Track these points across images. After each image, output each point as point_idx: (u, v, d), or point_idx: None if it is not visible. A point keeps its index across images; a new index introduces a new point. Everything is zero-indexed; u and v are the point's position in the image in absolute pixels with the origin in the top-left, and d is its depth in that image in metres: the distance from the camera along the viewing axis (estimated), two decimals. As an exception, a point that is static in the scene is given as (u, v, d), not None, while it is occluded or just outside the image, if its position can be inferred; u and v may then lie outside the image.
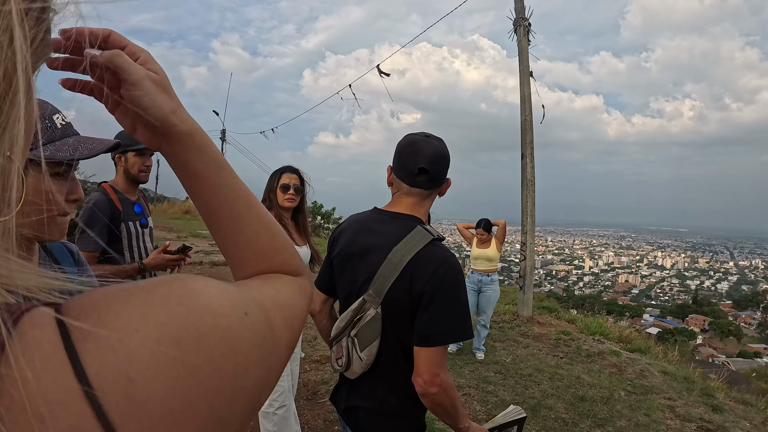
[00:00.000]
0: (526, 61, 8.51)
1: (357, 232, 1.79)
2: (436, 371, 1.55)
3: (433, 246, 1.63)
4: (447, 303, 1.57)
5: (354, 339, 1.68)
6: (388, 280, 1.61)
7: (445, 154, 1.76)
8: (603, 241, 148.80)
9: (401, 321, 1.62)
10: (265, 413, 3.19)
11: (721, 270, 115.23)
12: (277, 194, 3.19)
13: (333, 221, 24.28)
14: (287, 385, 3.24)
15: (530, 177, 8.28)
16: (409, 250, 1.61)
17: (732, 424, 4.70)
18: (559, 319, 8.31)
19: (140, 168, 2.86)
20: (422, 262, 1.59)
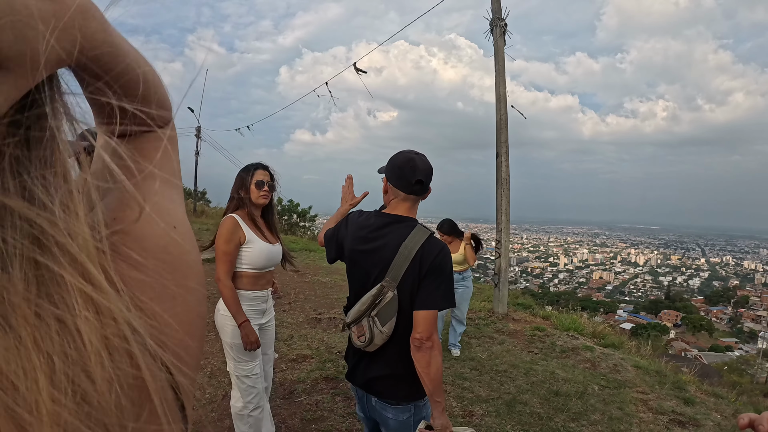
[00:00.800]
0: (502, 61, 8.53)
1: (367, 234, 2.23)
2: (431, 329, 2.02)
3: (432, 239, 2.13)
4: (442, 279, 2.07)
5: (375, 318, 2.12)
6: (402, 268, 2.07)
7: (430, 167, 2.22)
8: (577, 239, 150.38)
9: (412, 298, 2.08)
10: (239, 415, 3.19)
11: (693, 266, 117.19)
12: (251, 191, 3.15)
13: (309, 219, 24.14)
14: (261, 387, 3.23)
15: (505, 176, 8.31)
16: (415, 243, 2.09)
17: (703, 416, 4.77)
18: (533, 315, 8.36)
19: None
20: (427, 252, 2.08)
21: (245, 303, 3.10)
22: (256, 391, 3.17)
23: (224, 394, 4.37)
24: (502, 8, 8.52)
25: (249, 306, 3.12)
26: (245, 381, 3.14)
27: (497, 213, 8.36)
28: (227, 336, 3.09)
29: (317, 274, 10.63)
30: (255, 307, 3.17)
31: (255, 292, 3.16)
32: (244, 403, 3.15)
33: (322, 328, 6.63)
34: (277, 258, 3.26)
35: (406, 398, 2.21)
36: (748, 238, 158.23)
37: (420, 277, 2.06)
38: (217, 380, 4.74)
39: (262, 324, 3.27)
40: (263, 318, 3.28)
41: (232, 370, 3.17)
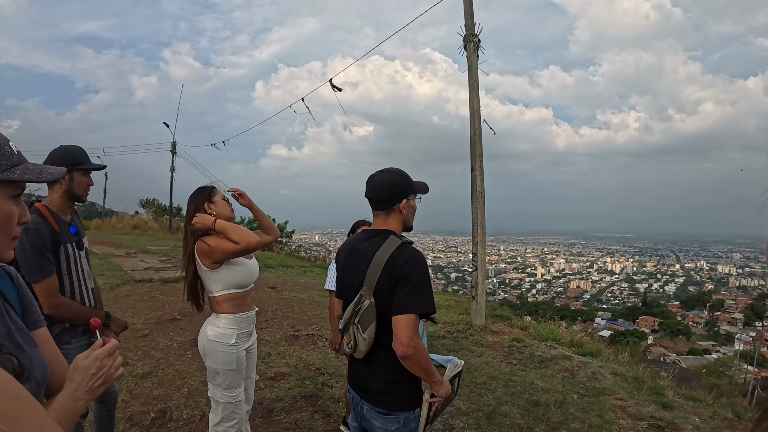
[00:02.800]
0: (476, 76, 8.61)
1: (348, 253, 2.43)
2: (411, 335, 2.09)
3: (402, 247, 2.23)
4: (414, 283, 2.14)
5: (358, 325, 2.23)
6: (375, 276, 2.18)
7: (390, 182, 2.33)
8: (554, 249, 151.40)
9: (388, 304, 2.17)
10: None
11: (668, 273, 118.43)
12: (223, 206, 3.09)
13: (286, 235, 24.00)
14: (243, 412, 3.16)
15: (480, 189, 8.36)
16: (386, 252, 2.20)
17: (682, 420, 4.81)
18: (512, 326, 8.39)
19: (85, 187, 2.79)
20: (395, 260, 2.18)
21: (236, 327, 3.00)
22: (239, 417, 3.09)
23: (201, 415, 4.32)
24: (475, 24, 8.61)
25: (239, 330, 3.02)
26: (228, 407, 3.03)
27: (473, 226, 8.40)
28: (217, 362, 2.97)
29: (295, 291, 10.55)
30: (244, 329, 3.07)
31: (243, 314, 3.06)
32: (225, 427, 3.06)
33: (300, 345, 6.58)
34: (257, 273, 3.21)
35: (397, 408, 2.29)
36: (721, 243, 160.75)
37: (392, 285, 2.17)
38: (194, 400, 4.67)
39: (248, 347, 3.18)
40: (250, 340, 3.19)
41: (215, 396, 3.05)
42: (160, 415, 4.36)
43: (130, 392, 4.77)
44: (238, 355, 3.01)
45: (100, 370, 1.32)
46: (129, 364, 5.48)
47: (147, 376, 5.19)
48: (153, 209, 31.33)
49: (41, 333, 1.49)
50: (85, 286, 2.85)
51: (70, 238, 2.75)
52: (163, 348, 6.15)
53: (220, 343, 2.95)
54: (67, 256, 2.69)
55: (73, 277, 2.74)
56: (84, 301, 2.82)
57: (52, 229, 2.61)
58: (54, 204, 2.73)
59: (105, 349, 1.37)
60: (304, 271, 13.96)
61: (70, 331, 2.71)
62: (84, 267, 2.86)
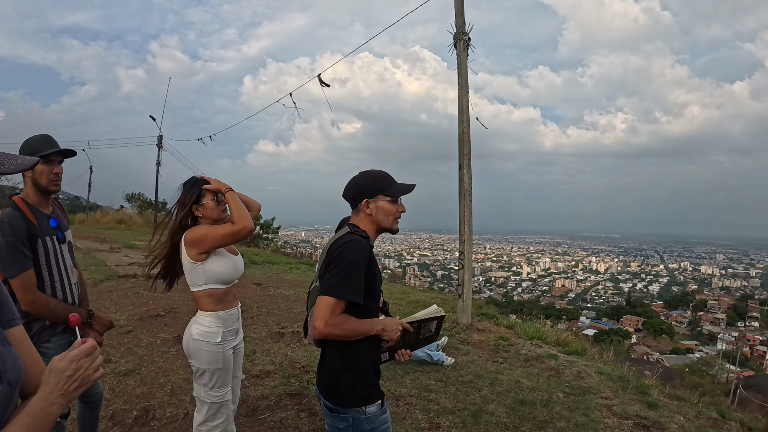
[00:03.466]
0: (465, 74, 8.59)
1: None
2: (325, 315, 2.13)
3: (345, 235, 2.30)
4: (339, 267, 2.19)
5: (309, 311, 2.33)
6: (320, 262, 2.36)
7: (353, 184, 2.44)
8: (540, 248, 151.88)
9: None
10: None
11: (652, 273, 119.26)
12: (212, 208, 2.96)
13: (272, 231, 23.90)
14: (230, 411, 3.11)
15: (468, 188, 8.35)
16: (332, 239, 2.36)
17: (667, 419, 4.83)
18: (498, 325, 8.40)
19: (49, 177, 2.65)
20: (334, 244, 2.29)
21: (221, 325, 2.93)
22: (225, 416, 3.03)
23: (185, 413, 4.27)
24: (465, 22, 8.58)
25: (225, 327, 2.95)
26: (214, 407, 2.97)
27: (460, 224, 8.39)
28: (203, 362, 2.90)
29: (280, 287, 10.49)
30: (230, 326, 3.00)
31: (228, 311, 2.98)
32: (210, 426, 2.99)
33: (286, 342, 6.54)
34: (241, 268, 3.14)
35: (342, 403, 2.28)
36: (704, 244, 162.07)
37: (326, 269, 2.26)
38: (178, 398, 4.62)
39: (235, 346, 3.10)
40: (236, 338, 3.12)
41: (200, 396, 2.98)
42: (143, 413, 4.30)
43: (112, 390, 4.70)
44: (224, 353, 2.94)
45: (77, 372, 1.26)
46: (112, 361, 5.41)
47: (130, 374, 5.12)
48: (138, 204, 31.08)
49: (16, 331, 1.43)
50: (68, 281, 2.78)
51: (49, 231, 2.68)
52: (147, 345, 6.08)
53: (205, 342, 2.89)
54: (46, 250, 2.62)
55: (53, 270, 2.67)
56: (66, 296, 2.75)
57: (29, 222, 2.53)
58: (30, 197, 2.66)
59: (82, 349, 1.31)
60: (290, 267, 13.91)
61: (49, 329, 2.64)
62: (66, 261, 2.79)
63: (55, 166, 2.67)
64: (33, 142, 2.63)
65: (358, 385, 2.28)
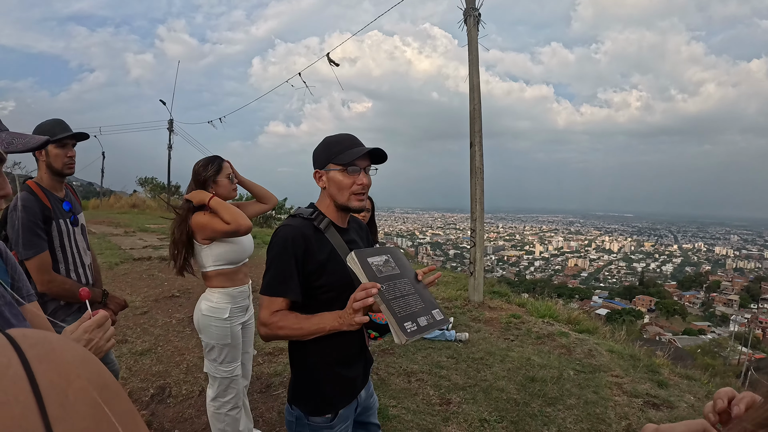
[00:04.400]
0: (476, 51, 8.53)
1: None
2: (266, 316, 1.87)
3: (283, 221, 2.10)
4: (267, 262, 1.94)
5: None
6: None
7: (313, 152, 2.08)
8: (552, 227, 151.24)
9: None
10: (216, 414, 3.14)
11: (666, 253, 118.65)
12: (223, 185, 3.10)
13: (285, 212, 23.97)
14: (240, 387, 3.19)
15: (479, 165, 8.33)
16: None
17: (677, 398, 4.84)
18: (509, 303, 8.41)
19: (64, 160, 2.70)
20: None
21: (230, 301, 3.02)
22: (235, 392, 3.13)
23: (201, 390, 4.34)
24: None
25: (234, 304, 3.04)
26: (224, 382, 3.07)
27: (472, 202, 8.39)
28: (212, 337, 3.01)
29: (293, 268, 10.55)
30: (239, 303, 3.10)
31: (237, 288, 3.08)
32: (222, 402, 3.10)
33: (299, 320, 6.60)
34: (251, 249, 3.22)
35: (291, 398, 2.07)
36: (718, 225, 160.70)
37: None
38: (193, 376, 4.70)
39: (244, 322, 3.20)
40: (246, 315, 3.21)
41: (211, 371, 3.09)
42: (159, 391, 4.39)
43: (129, 369, 4.80)
44: (232, 329, 3.03)
45: (90, 342, 1.31)
46: (128, 342, 5.51)
47: (146, 353, 5.21)
48: (150, 187, 31.26)
49: (31, 307, 1.47)
50: (81, 262, 2.84)
51: (63, 213, 2.73)
52: (162, 325, 6.17)
53: (213, 318, 2.98)
54: (60, 232, 2.68)
55: (67, 252, 2.73)
56: (80, 277, 2.81)
57: (43, 205, 2.59)
58: (44, 181, 2.71)
59: (94, 320, 1.35)
60: (303, 248, 13.94)
61: (65, 309, 2.71)
62: (79, 243, 2.85)
63: (68, 149, 2.72)
64: (46, 127, 2.67)
65: (305, 391, 2.02)
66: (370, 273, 1.82)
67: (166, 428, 3.79)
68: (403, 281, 1.89)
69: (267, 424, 3.94)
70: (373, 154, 2.01)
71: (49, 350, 0.49)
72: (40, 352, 0.48)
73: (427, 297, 1.92)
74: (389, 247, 2.04)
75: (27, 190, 2.61)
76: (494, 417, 4.20)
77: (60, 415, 0.44)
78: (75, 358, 0.50)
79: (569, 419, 4.25)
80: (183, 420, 3.90)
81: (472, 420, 4.13)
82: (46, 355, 0.48)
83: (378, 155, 2.03)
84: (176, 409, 4.09)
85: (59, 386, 0.46)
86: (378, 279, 1.81)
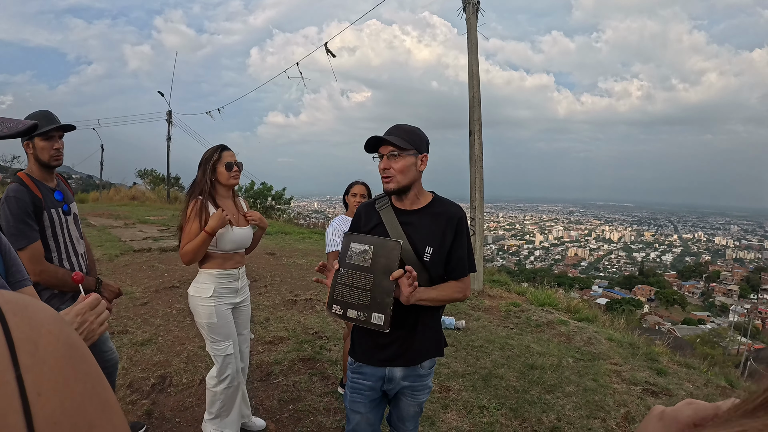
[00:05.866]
0: (475, 39, 8.51)
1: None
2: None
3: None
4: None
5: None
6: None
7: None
8: (552, 217, 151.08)
9: None
10: (212, 392, 3.25)
11: (666, 243, 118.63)
12: (221, 173, 3.14)
13: (284, 202, 23.96)
14: (234, 367, 3.24)
15: (478, 153, 8.32)
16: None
17: (676, 386, 4.87)
18: (509, 291, 8.43)
19: (50, 152, 2.71)
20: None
21: (212, 282, 3.11)
22: (229, 372, 3.19)
23: (201, 379, 4.36)
24: (474, -15, 8.48)
25: (217, 284, 3.12)
26: (218, 360, 3.17)
27: (471, 191, 8.39)
28: (200, 317, 3.12)
29: (293, 257, 10.59)
30: (225, 285, 3.16)
31: (222, 271, 3.15)
32: (216, 381, 3.20)
33: (299, 309, 6.62)
34: (245, 242, 3.28)
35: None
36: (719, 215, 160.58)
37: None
38: (194, 365, 4.72)
39: (236, 303, 3.28)
40: (237, 297, 3.28)
41: (209, 351, 3.20)
42: (160, 380, 4.40)
43: (130, 359, 4.81)
44: (217, 309, 3.11)
45: (82, 325, 1.31)
46: (129, 332, 5.52)
47: (147, 343, 5.22)
48: (150, 179, 31.22)
49: (26, 291, 1.48)
50: (75, 251, 2.86)
51: (55, 203, 2.74)
52: (163, 315, 6.18)
53: (199, 297, 3.10)
54: (52, 222, 2.70)
55: (60, 241, 2.75)
56: (73, 266, 2.82)
57: (34, 196, 2.60)
58: (34, 172, 2.73)
59: (87, 302, 1.35)
60: (303, 237, 14.01)
61: (58, 298, 2.72)
62: (72, 232, 2.86)
63: (55, 141, 2.72)
64: (33, 118, 2.66)
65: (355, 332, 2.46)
66: (343, 254, 2.22)
67: (167, 417, 3.81)
68: (364, 275, 2.16)
69: (267, 412, 3.95)
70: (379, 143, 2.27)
71: (23, 306, 0.52)
72: (14, 307, 0.51)
73: (379, 300, 2.13)
74: (381, 240, 2.20)
75: (17, 181, 2.62)
76: (493, 404, 4.22)
77: (30, 364, 0.47)
78: (47, 316, 0.53)
79: (568, 406, 4.27)
80: (184, 409, 3.91)
81: (471, 407, 4.15)
82: (21, 310, 0.51)
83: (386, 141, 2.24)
84: (177, 398, 4.10)
85: (30, 338, 0.49)
86: (344, 263, 2.21)
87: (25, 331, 0.49)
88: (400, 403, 2.51)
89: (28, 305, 0.53)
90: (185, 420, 3.76)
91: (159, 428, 3.65)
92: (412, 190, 2.31)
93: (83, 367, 0.52)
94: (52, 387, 0.48)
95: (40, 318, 0.52)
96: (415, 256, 2.25)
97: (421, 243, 2.26)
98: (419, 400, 2.50)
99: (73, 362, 0.51)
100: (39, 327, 0.51)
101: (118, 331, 5.50)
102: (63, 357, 0.50)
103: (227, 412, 3.30)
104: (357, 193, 4.05)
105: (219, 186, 3.18)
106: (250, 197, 23.04)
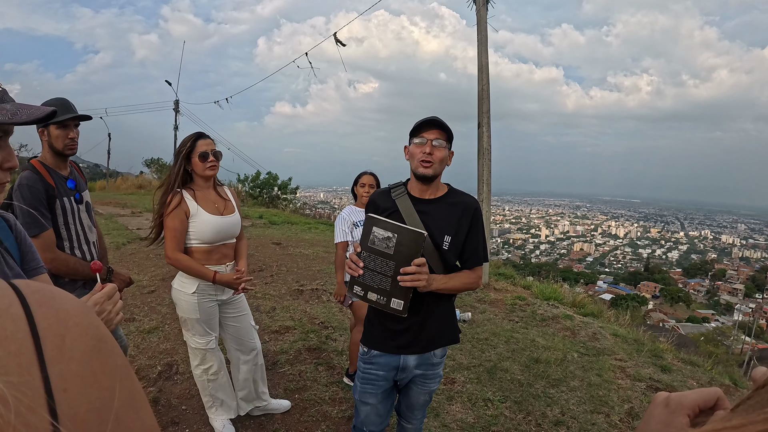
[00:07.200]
0: (484, 30, 8.46)
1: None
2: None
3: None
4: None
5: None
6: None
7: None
8: (559, 211, 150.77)
9: None
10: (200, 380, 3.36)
11: (672, 239, 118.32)
12: (196, 164, 3.06)
13: (290, 191, 23.90)
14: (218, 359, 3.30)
15: (486, 146, 8.30)
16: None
17: (680, 383, 4.87)
18: (514, 285, 8.43)
19: (65, 141, 2.70)
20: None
21: (197, 279, 3.06)
22: (213, 362, 3.26)
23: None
24: (484, -24, 8.43)
25: (202, 282, 3.07)
26: (199, 353, 3.21)
27: (479, 183, 8.37)
28: (182, 311, 3.11)
29: (299, 247, 10.59)
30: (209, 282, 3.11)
31: (208, 266, 3.08)
32: (202, 369, 3.26)
33: (305, 299, 6.64)
34: (233, 230, 3.22)
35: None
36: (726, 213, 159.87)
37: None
38: (197, 354, 4.74)
39: (223, 300, 3.24)
40: (225, 294, 3.23)
41: (187, 341, 3.24)
42: (167, 368, 4.42)
43: (137, 347, 4.84)
44: (200, 304, 3.09)
45: (100, 315, 1.31)
46: (136, 320, 5.55)
47: (153, 331, 5.25)
48: (157, 168, 31.27)
49: (41, 279, 1.49)
50: (86, 240, 2.86)
51: (67, 191, 2.74)
52: (169, 304, 6.20)
53: (182, 292, 3.08)
54: (64, 210, 2.70)
55: (72, 230, 2.75)
56: (85, 254, 2.83)
57: (47, 184, 2.61)
58: (47, 160, 2.73)
59: (104, 292, 1.36)
60: (309, 227, 14.01)
61: (69, 286, 2.72)
62: (84, 220, 2.86)
63: (70, 130, 2.72)
64: (50, 105, 2.66)
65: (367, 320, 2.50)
66: (365, 239, 2.17)
67: (173, 404, 3.83)
68: (386, 262, 2.15)
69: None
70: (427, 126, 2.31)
71: (50, 297, 0.51)
72: (41, 298, 0.49)
73: (398, 287, 2.16)
74: (405, 229, 2.15)
75: (31, 169, 2.62)
76: (498, 397, 4.23)
77: (56, 357, 0.46)
78: (75, 308, 0.51)
79: (572, 401, 4.28)
80: (190, 396, 3.93)
81: (475, 399, 4.16)
82: (47, 302, 0.49)
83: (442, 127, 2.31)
84: (183, 385, 4.12)
85: (57, 330, 0.47)
86: (366, 247, 2.17)
87: (52, 323, 0.48)
88: (411, 392, 2.55)
89: (56, 296, 0.51)
90: (191, 407, 3.78)
91: (165, 416, 3.67)
92: (436, 181, 2.36)
93: (111, 360, 0.51)
94: (80, 382, 0.47)
95: (67, 309, 0.51)
96: (433, 245, 2.28)
97: (439, 232, 2.28)
98: (430, 389, 2.54)
99: (102, 356, 0.50)
100: (66, 319, 0.49)
101: (125, 318, 5.53)
102: (91, 350, 0.49)
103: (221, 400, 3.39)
104: (366, 183, 4.06)
105: (196, 176, 3.10)
106: (256, 187, 22.99)
